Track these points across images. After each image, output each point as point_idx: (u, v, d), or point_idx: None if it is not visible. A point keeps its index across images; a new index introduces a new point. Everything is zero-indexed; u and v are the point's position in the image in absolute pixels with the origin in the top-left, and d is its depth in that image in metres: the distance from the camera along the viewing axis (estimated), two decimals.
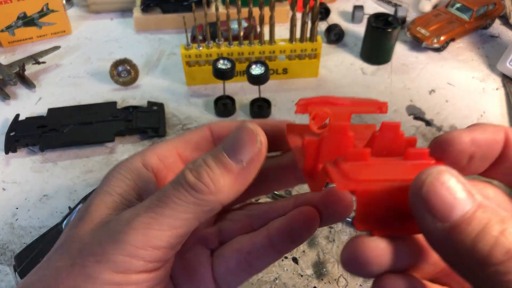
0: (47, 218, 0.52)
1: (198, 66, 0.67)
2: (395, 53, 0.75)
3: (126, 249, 0.21)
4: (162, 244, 0.22)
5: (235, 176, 0.22)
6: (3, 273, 0.47)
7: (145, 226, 0.21)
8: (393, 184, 0.19)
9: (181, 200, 0.22)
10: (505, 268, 0.16)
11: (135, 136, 0.61)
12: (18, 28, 0.76)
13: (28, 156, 0.59)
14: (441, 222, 0.17)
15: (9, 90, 0.69)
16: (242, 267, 0.27)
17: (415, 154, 0.21)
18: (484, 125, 0.21)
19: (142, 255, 0.21)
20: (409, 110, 0.65)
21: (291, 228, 0.26)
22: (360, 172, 0.20)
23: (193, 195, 0.22)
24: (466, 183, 0.18)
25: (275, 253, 0.26)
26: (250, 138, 0.23)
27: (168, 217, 0.22)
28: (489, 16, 0.78)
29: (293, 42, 0.66)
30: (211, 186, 0.22)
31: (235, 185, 0.23)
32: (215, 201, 0.22)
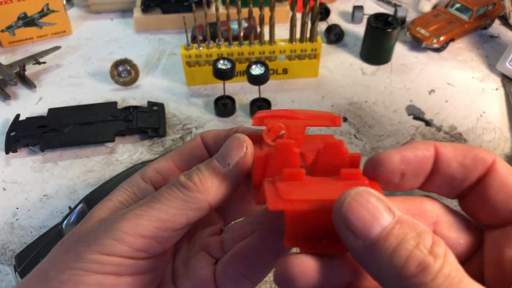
0: (48, 218, 0.52)
1: (198, 66, 0.67)
2: (395, 53, 0.75)
3: (115, 234, 0.23)
4: (149, 234, 0.23)
5: (222, 177, 0.25)
6: (3, 273, 0.47)
7: (135, 217, 0.24)
8: (322, 204, 0.20)
9: (171, 196, 0.24)
10: (418, 280, 0.17)
11: (135, 136, 0.62)
12: (19, 28, 0.76)
13: (28, 156, 0.59)
14: (362, 240, 0.18)
15: (10, 90, 0.69)
16: (241, 272, 0.27)
17: (348, 174, 0.22)
18: (414, 143, 0.23)
19: (128, 241, 0.23)
20: (408, 110, 0.65)
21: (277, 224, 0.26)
22: (291, 192, 0.21)
23: (182, 192, 0.24)
24: (385, 200, 0.19)
25: (269, 254, 0.26)
26: (237, 145, 0.25)
27: (158, 210, 0.24)
28: (489, 16, 0.78)
29: (293, 42, 0.66)
30: (199, 185, 0.24)
31: (222, 186, 0.25)
32: (202, 199, 0.24)
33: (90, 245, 0.23)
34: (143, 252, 0.24)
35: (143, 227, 0.23)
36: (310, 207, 0.20)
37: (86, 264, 0.22)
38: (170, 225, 0.24)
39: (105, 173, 0.57)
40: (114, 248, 0.23)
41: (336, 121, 0.26)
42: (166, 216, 0.24)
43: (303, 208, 0.20)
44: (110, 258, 0.23)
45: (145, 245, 0.23)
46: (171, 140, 0.61)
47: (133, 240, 0.23)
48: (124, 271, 0.23)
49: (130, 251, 0.23)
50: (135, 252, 0.23)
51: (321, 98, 0.67)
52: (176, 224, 0.24)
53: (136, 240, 0.23)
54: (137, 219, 0.24)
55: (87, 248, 0.23)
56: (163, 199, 0.24)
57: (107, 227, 0.24)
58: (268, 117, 0.26)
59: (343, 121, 0.63)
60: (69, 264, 0.23)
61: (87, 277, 0.22)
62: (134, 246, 0.23)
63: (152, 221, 0.23)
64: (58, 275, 0.23)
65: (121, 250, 0.23)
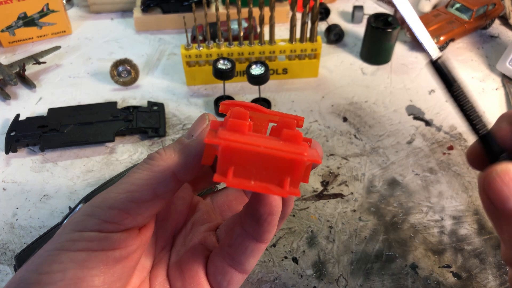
0: (48, 218, 0.52)
1: (198, 66, 0.68)
2: (395, 53, 0.75)
3: (86, 210, 0.24)
4: (116, 205, 0.24)
5: (185, 146, 0.26)
6: (3, 273, 0.47)
7: (106, 192, 0.25)
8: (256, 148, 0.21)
9: (138, 169, 0.26)
10: None
11: (135, 136, 0.62)
12: (19, 28, 0.76)
13: (28, 156, 0.59)
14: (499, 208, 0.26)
15: (10, 90, 0.69)
16: (227, 262, 0.28)
17: (289, 135, 0.23)
18: None
19: (97, 214, 0.24)
20: (408, 110, 0.65)
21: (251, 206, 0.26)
22: (230, 135, 0.22)
23: (147, 162, 0.26)
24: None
25: (250, 240, 0.27)
26: (201, 119, 0.28)
27: (125, 183, 0.25)
28: (489, 16, 0.78)
29: (293, 42, 0.66)
30: (162, 153, 0.26)
31: (184, 154, 0.26)
32: (165, 167, 0.25)
33: (66, 227, 0.24)
34: (114, 223, 0.24)
35: (112, 199, 0.24)
36: (244, 147, 0.21)
37: (59, 244, 0.23)
38: (138, 195, 0.25)
39: (105, 173, 0.57)
40: (85, 223, 0.24)
41: (299, 121, 0.27)
42: (132, 187, 0.25)
43: (236, 146, 0.21)
44: (82, 233, 0.24)
45: (115, 216, 0.24)
46: (171, 140, 0.61)
47: (102, 212, 0.24)
48: (95, 246, 0.24)
49: (99, 222, 0.24)
50: (105, 224, 0.24)
51: (321, 98, 0.67)
52: (143, 194, 0.25)
53: (105, 212, 0.24)
54: (106, 193, 0.25)
55: (62, 230, 0.24)
56: (131, 173, 0.26)
57: (82, 208, 0.25)
58: (234, 105, 0.27)
59: (343, 121, 0.63)
60: (46, 247, 0.24)
61: (60, 255, 0.23)
62: (103, 218, 0.24)
63: (120, 193, 0.25)
64: (37, 258, 0.24)
65: (91, 223, 0.24)
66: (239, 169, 0.22)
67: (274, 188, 0.22)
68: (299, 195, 0.22)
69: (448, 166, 0.57)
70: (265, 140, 0.22)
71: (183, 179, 0.26)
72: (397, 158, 0.58)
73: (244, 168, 0.22)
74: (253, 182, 0.22)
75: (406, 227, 0.50)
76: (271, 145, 0.22)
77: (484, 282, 0.45)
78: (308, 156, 0.22)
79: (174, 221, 0.31)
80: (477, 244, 0.49)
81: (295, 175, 0.22)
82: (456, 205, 0.53)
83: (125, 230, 0.25)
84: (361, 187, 0.55)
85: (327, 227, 0.50)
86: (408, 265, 0.47)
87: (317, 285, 0.45)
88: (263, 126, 0.27)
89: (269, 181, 0.22)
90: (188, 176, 0.26)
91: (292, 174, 0.22)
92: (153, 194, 0.25)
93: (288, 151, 0.21)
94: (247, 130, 0.23)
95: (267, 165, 0.21)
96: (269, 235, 0.26)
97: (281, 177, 0.22)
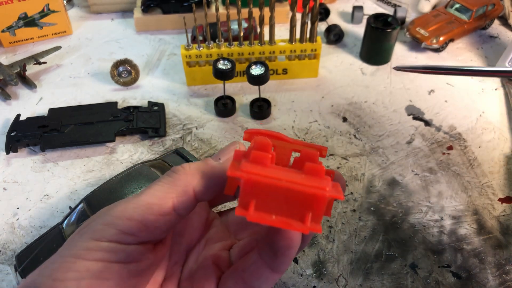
0: (48, 218, 0.52)
1: (199, 67, 0.68)
2: (395, 54, 0.75)
3: (105, 219, 0.24)
4: (136, 216, 0.24)
5: (210, 167, 0.26)
6: (4, 272, 0.47)
7: (125, 202, 0.25)
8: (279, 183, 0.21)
9: (160, 181, 0.26)
10: None
11: (135, 136, 0.62)
12: (19, 29, 0.76)
13: (29, 156, 0.59)
14: None
15: (10, 90, 0.69)
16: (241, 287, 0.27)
17: (312, 169, 0.23)
18: None
19: (116, 224, 0.24)
20: (408, 110, 0.65)
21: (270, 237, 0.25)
22: (253, 168, 0.22)
23: (170, 175, 0.26)
24: None
25: (266, 269, 0.26)
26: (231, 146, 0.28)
27: (145, 194, 0.25)
28: (488, 17, 0.78)
29: (293, 42, 0.66)
30: (186, 168, 0.26)
31: (208, 175, 0.26)
32: (187, 182, 0.25)
33: (83, 233, 0.24)
34: (131, 235, 0.24)
35: (131, 209, 0.24)
36: (266, 181, 0.21)
37: (76, 251, 0.23)
38: (156, 208, 0.25)
39: (106, 173, 0.57)
40: (104, 232, 0.24)
41: (323, 151, 0.27)
42: (152, 199, 0.25)
43: (259, 180, 0.21)
44: (99, 243, 0.23)
45: (133, 228, 0.24)
46: (171, 140, 0.61)
47: (120, 222, 0.24)
48: (112, 257, 0.23)
49: (117, 233, 0.24)
50: (123, 235, 0.24)
51: (321, 98, 0.67)
52: (162, 207, 0.25)
53: (123, 222, 0.24)
54: (126, 203, 0.25)
55: (79, 236, 0.24)
56: (153, 185, 0.26)
57: (100, 214, 0.25)
58: (258, 133, 0.27)
59: (343, 121, 0.64)
60: (62, 252, 0.24)
61: (76, 263, 0.23)
62: (121, 229, 0.24)
63: (139, 205, 0.25)
64: (50, 264, 0.23)
65: (110, 233, 0.24)
66: (260, 202, 0.21)
67: (296, 224, 0.21)
68: (321, 231, 0.22)
69: (447, 166, 0.57)
70: (287, 174, 0.22)
71: (201, 199, 0.26)
72: (397, 158, 0.58)
73: (266, 202, 0.21)
74: (275, 216, 0.22)
75: (406, 226, 0.50)
76: (293, 179, 0.21)
77: (484, 281, 0.46)
78: (330, 191, 0.21)
79: (189, 237, 0.31)
80: (476, 243, 0.49)
81: (317, 210, 0.22)
82: (456, 205, 0.53)
83: (142, 243, 0.25)
84: (361, 187, 0.55)
85: (327, 226, 0.50)
86: (408, 264, 0.47)
87: (317, 284, 0.45)
88: (286, 155, 0.27)
89: (291, 215, 0.22)
90: (206, 197, 0.26)
91: (313, 209, 0.21)
92: (172, 208, 0.25)
93: (310, 186, 0.21)
94: (269, 163, 0.22)
95: (289, 199, 0.21)
96: (286, 267, 0.26)
97: (303, 212, 0.22)
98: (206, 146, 0.60)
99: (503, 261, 0.47)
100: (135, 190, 0.47)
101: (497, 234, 0.50)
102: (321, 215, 0.22)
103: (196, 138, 0.61)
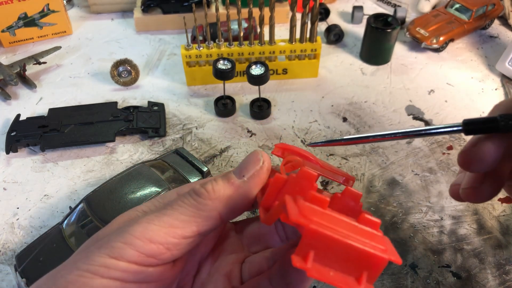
0: (48, 218, 0.52)
1: (199, 67, 0.68)
2: (395, 54, 0.75)
3: (125, 237, 0.23)
4: (158, 239, 0.23)
5: (235, 188, 0.25)
6: (3, 272, 0.47)
7: (147, 221, 0.24)
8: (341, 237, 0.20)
9: (184, 203, 0.25)
10: None
11: (135, 136, 0.62)
12: (19, 29, 0.76)
13: (29, 156, 0.59)
14: None
15: (10, 90, 0.69)
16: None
17: (367, 221, 0.22)
18: None
19: (137, 245, 0.23)
20: (408, 110, 0.65)
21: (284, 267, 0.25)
22: (314, 214, 0.21)
23: (194, 199, 0.25)
24: None
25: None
26: (255, 158, 0.26)
27: (169, 216, 0.24)
28: (488, 17, 0.78)
29: (293, 42, 0.66)
30: (211, 192, 0.25)
31: (234, 196, 0.25)
32: (213, 208, 0.24)
33: (101, 248, 0.23)
34: (152, 257, 0.23)
35: (153, 231, 0.23)
36: (329, 232, 0.20)
37: (93, 267, 0.22)
38: (180, 231, 0.24)
39: (106, 173, 0.57)
40: (123, 251, 0.23)
41: (349, 180, 0.27)
42: (176, 222, 0.24)
43: (323, 231, 0.20)
44: (118, 262, 0.23)
45: (154, 251, 0.23)
46: (171, 140, 0.61)
47: (141, 244, 0.23)
48: (130, 277, 0.23)
49: (138, 255, 0.23)
50: (143, 257, 0.23)
51: (321, 98, 0.67)
52: (185, 231, 0.24)
53: (144, 244, 0.23)
54: (148, 223, 0.24)
55: (97, 250, 0.23)
56: (176, 205, 0.25)
57: (119, 231, 0.24)
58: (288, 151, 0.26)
59: (343, 121, 0.64)
60: (79, 264, 0.23)
61: (93, 280, 0.22)
62: (142, 251, 0.23)
63: (162, 226, 0.23)
64: (67, 274, 0.23)
65: (129, 254, 0.23)
66: (319, 254, 0.20)
67: (352, 283, 0.20)
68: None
69: (447, 166, 0.57)
70: (346, 225, 0.21)
71: (228, 219, 0.25)
72: (397, 158, 0.58)
73: (325, 255, 0.20)
74: (332, 273, 0.20)
75: (406, 226, 0.50)
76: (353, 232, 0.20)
77: (484, 281, 0.46)
78: (390, 254, 0.20)
79: (204, 247, 0.30)
80: (476, 243, 0.49)
81: (374, 271, 0.21)
82: (456, 205, 0.53)
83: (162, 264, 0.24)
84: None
85: None
86: (408, 264, 0.47)
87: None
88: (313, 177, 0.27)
89: (347, 272, 0.21)
90: (234, 217, 0.25)
91: (370, 270, 0.21)
92: (196, 232, 0.24)
93: (371, 246, 0.20)
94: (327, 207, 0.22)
95: (349, 255, 0.20)
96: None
97: (360, 270, 0.21)
98: (206, 146, 0.60)
99: (503, 261, 0.47)
100: (135, 190, 0.47)
101: (497, 234, 0.50)
102: (376, 276, 0.21)
103: (196, 138, 0.61)
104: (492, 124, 0.28)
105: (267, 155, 0.26)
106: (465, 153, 0.30)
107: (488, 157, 0.28)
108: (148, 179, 0.48)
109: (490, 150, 0.28)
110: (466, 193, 0.32)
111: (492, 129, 0.28)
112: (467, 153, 0.29)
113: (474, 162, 0.29)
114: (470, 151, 0.29)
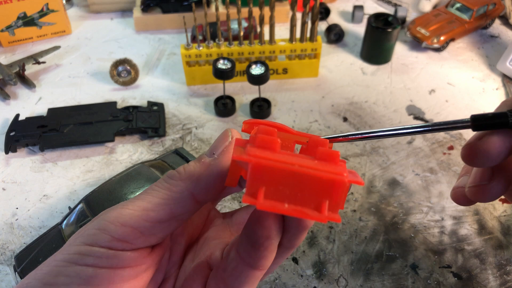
0: (47, 218, 0.52)
1: (198, 66, 0.67)
2: (395, 53, 0.75)
3: (99, 224, 0.23)
4: (131, 223, 0.23)
5: (206, 166, 0.25)
6: (3, 273, 0.47)
7: (121, 207, 0.24)
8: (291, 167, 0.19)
9: (157, 187, 0.25)
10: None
11: (135, 136, 0.62)
12: (18, 28, 0.76)
13: (28, 156, 0.59)
14: None
15: (9, 90, 0.69)
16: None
17: (325, 154, 0.21)
18: None
19: (110, 229, 0.23)
20: (409, 110, 0.65)
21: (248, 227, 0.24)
22: (260, 152, 0.20)
23: (166, 181, 0.25)
24: None
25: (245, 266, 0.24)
26: (224, 135, 0.26)
27: (142, 200, 0.24)
28: (489, 16, 0.78)
29: (293, 42, 0.66)
30: (182, 172, 0.25)
31: (205, 174, 0.25)
32: (184, 187, 0.24)
33: (78, 237, 0.24)
34: (125, 242, 0.23)
35: (126, 216, 0.23)
36: (277, 166, 0.19)
37: (69, 255, 0.23)
38: (153, 214, 0.24)
39: (105, 173, 0.57)
40: (96, 237, 0.23)
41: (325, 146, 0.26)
42: (149, 205, 0.24)
43: (268, 164, 0.19)
44: (91, 248, 0.23)
45: (127, 234, 0.23)
46: (171, 140, 0.61)
47: (114, 228, 0.23)
48: (103, 263, 0.23)
49: (110, 239, 0.23)
50: (116, 241, 0.23)
51: (321, 98, 0.67)
52: (159, 214, 0.24)
53: (117, 228, 0.23)
54: (121, 208, 0.24)
55: (73, 240, 0.24)
56: (150, 190, 0.25)
57: (96, 219, 0.24)
58: (258, 124, 0.25)
59: (343, 120, 0.63)
60: (57, 256, 0.23)
61: (67, 268, 0.22)
62: (115, 235, 0.23)
63: (135, 210, 0.24)
64: (45, 266, 0.23)
65: (103, 239, 0.23)
66: (270, 189, 0.19)
67: (311, 213, 0.19)
68: (340, 221, 0.20)
69: (448, 166, 0.57)
70: (299, 159, 0.20)
71: (203, 200, 0.25)
72: (397, 158, 0.58)
73: (276, 189, 0.19)
74: (287, 205, 0.19)
75: (407, 227, 0.50)
76: (306, 164, 0.19)
77: (485, 282, 0.45)
78: (349, 176, 0.19)
79: (189, 236, 0.30)
80: (477, 244, 0.49)
81: (335, 198, 0.19)
82: (456, 205, 0.52)
83: (137, 249, 0.24)
84: (361, 187, 0.54)
85: (327, 227, 0.50)
86: (409, 265, 0.47)
87: (317, 285, 0.45)
88: (289, 147, 0.26)
89: (304, 204, 0.19)
90: (209, 197, 0.25)
91: (331, 197, 0.19)
92: (170, 215, 0.24)
93: (326, 171, 0.19)
94: (278, 148, 0.20)
95: (303, 186, 0.19)
96: (265, 262, 0.24)
97: (319, 200, 0.19)
98: (206, 146, 0.60)
99: (504, 261, 0.47)
100: (134, 190, 0.46)
101: (498, 235, 0.49)
102: (339, 203, 0.20)
103: (195, 138, 0.61)
104: (501, 120, 0.27)
105: (237, 131, 0.26)
106: (469, 146, 0.29)
107: (494, 150, 0.27)
108: (147, 179, 0.48)
109: (496, 143, 0.27)
110: (473, 192, 0.31)
111: (501, 125, 0.27)
112: (471, 146, 0.28)
113: (479, 156, 0.28)
114: (475, 144, 0.28)
